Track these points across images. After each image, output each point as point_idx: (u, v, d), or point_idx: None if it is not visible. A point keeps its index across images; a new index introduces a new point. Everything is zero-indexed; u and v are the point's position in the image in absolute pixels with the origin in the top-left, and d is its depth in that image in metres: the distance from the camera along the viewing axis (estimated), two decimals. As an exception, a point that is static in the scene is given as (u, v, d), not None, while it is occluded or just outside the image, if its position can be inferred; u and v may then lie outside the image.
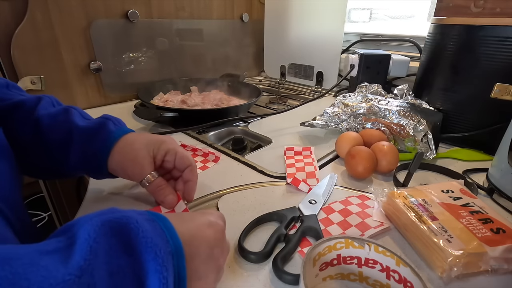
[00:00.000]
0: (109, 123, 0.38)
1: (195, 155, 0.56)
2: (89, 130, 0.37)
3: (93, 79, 0.78)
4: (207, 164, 0.53)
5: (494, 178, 0.44)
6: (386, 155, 0.48)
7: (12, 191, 0.30)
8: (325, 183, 0.45)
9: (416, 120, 0.54)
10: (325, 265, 0.29)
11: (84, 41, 0.73)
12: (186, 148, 0.58)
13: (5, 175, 0.30)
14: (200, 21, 0.96)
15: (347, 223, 0.37)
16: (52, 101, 0.41)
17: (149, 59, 0.87)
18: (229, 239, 0.35)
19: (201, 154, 0.56)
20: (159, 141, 0.39)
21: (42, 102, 0.39)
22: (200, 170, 0.50)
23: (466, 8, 0.55)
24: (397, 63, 0.82)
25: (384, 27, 1.01)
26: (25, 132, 0.37)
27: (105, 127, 0.38)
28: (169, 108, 0.70)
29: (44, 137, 0.37)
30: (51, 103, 0.41)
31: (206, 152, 0.54)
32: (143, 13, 0.82)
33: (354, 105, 0.63)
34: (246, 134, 0.70)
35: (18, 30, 0.63)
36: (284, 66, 1.10)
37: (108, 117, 0.40)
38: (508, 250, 0.30)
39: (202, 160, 0.54)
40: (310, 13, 0.96)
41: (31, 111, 0.37)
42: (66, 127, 0.37)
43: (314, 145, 0.58)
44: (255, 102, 0.77)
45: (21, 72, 0.65)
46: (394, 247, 0.35)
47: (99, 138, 0.37)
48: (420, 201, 0.37)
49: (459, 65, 0.57)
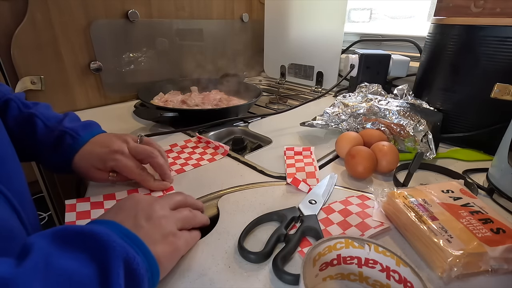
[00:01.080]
0: (66, 137, 0.42)
1: (207, 147, 0.59)
2: (49, 146, 0.42)
3: (93, 79, 0.78)
4: (216, 156, 0.55)
5: (494, 178, 0.44)
6: (386, 155, 0.48)
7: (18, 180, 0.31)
8: (325, 183, 0.45)
9: (416, 120, 0.54)
10: (325, 265, 0.29)
11: (84, 41, 0.73)
12: (201, 140, 0.60)
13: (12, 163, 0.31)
14: (200, 21, 0.96)
15: (347, 223, 0.37)
16: (18, 105, 0.43)
17: (149, 59, 0.87)
18: (229, 239, 0.35)
19: (212, 146, 0.58)
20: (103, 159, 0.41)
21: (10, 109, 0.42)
22: (208, 162, 0.53)
23: (466, 8, 0.55)
24: (397, 63, 0.82)
25: (384, 27, 1.01)
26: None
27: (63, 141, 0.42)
28: (169, 108, 0.70)
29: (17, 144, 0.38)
30: (17, 107, 0.43)
31: (217, 145, 0.57)
32: (143, 13, 0.82)
33: (354, 105, 0.63)
34: (246, 134, 0.70)
35: (18, 30, 0.63)
36: (284, 66, 1.10)
37: (65, 129, 0.42)
38: (508, 250, 0.30)
39: (212, 153, 0.56)
40: (310, 13, 0.95)
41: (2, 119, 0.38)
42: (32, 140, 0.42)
43: (314, 145, 0.58)
44: (255, 102, 0.77)
45: (21, 72, 0.65)
46: (394, 247, 0.35)
47: (58, 153, 0.42)
48: (420, 201, 0.37)
49: (459, 65, 0.57)
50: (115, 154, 0.41)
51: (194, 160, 0.53)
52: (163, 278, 0.29)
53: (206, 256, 0.33)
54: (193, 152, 0.56)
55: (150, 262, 0.26)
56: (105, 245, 0.23)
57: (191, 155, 0.55)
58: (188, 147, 0.58)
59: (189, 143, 0.60)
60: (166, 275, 0.30)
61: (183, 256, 0.32)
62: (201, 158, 0.54)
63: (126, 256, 0.23)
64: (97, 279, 0.21)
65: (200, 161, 0.53)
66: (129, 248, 0.24)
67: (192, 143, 0.60)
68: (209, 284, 0.29)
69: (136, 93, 0.84)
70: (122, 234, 0.25)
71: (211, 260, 0.32)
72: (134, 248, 0.25)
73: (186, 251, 0.32)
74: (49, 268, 0.20)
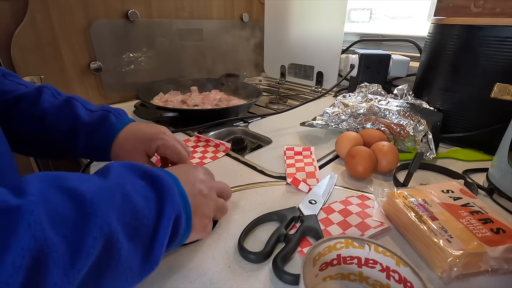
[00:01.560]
0: (111, 116, 0.41)
1: (207, 146, 0.59)
2: (92, 125, 0.40)
3: (93, 79, 0.78)
4: (218, 154, 0.56)
5: (494, 178, 0.44)
6: (386, 155, 0.48)
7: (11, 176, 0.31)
8: (325, 183, 0.45)
9: (416, 120, 0.54)
10: (325, 265, 0.29)
11: (84, 41, 0.73)
12: (200, 139, 0.60)
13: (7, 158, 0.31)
14: (200, 21, 0.96)
15: (347, 223, 0.37)
16: (52, 92, 0.42)
17: (149, 59, 0.87)
18: (229, 239, 0.35)
19: (213, 145, 0.58)
20: (150, 139, 0.40)
21: (44, 94, 0.40)
22: (211, 160, 0.54)
23: (466, 8, 0.55)
24: (397, 63, 0.82)
25: (384, 27, 1.01)
26: (30, 125, 0.39)
27: (107, 120, 0.40)
28: (169, 108, 0.70)
29: (49, 129, 0.39)
30: (52, 94, 0.42)
31: (218, 143, 0.57)
32: (143, 13, 0.82)
33: (354, 105, 0.63)
34: (246, 134, 0.70)
35: (18, 30, 0.63)
36: (284, 66, 1.10)
37: (109, 109, 0.42)
38: (508, 250, 0.30)
39: (213, 151, 0.57)
40: (310, 13, 0.95)
41: (34, 103, 0.39)
42: (71, 121, 0.40)
43: (314, 145, 0.58)
44: (255, 102, 0.77)
45: (21, 72, 0.65)
46: (394, 247, 0.35)
47: (101, 131, 0.40)
48: (420, 201, 0.37)
49: (459, 65, 0.57)
50: (163, 134, 0.41)
51: (197, 159, 0.54)
52: (163, 278, 0.30)
53: (206, 256, 0.33)
54: (194, 151, 0.57)
55: (187, 229, 0.28)
56: (168, 194, 0.26)
57: (193, 154, 0.56)
58: (189, 146, 0.59)
59: (188, 142, 0.60)
60: (166, 275, 0.30)
61: (183, 256, 0.32)
62: (203, 156, 0.55)
63: (178, 214, 0.26)
64: (154, 220, 0.24)
65: (203, 160, 0.53)
66: (182, 208, 0.27)
67: (191, 142, 0.60)
68: (209, 284, 0.29)
69: (136, 93, 0.84)
70: (180, 194, 0.28)
71: (211, 260, 0.32)
72: (183, 210, 0.28)
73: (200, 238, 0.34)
74: (125, 194, 0.23)
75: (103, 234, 0.20)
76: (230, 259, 0.32)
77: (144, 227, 0.24)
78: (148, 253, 0.24)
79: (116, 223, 0.21)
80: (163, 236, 0.25)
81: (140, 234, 0.23)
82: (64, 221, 0.19)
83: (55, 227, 0.18)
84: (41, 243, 0.17)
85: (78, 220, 0.19)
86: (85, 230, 0.19)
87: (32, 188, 0.19)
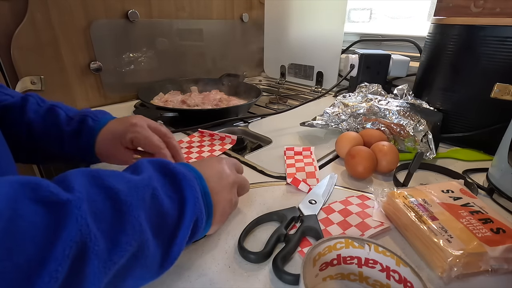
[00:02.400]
0: (88, 119, 0.42)
1: (212, 140, 0.60)
2: (73, 131, 0.41)
3: (93, 79, 0.78)
4: (225, 146, 0.57)
5: (494, 178, 0.44)
6: (386, 155, 0.48)
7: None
8: (325, 183, 0.45)
9: (416, 120, 0.54)
10: (325, 265, 0.29)
11: (84, 41, 0.73)
12: (204, 134, 0.61)
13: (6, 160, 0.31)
14: (200, 21, 0.96)
15: (347, 223, 0.37)
16: (36, 100, 0.43)
17: (149, 59, 0.87)
18: (229, 239, 0.35)
19: (218, 138, 0.59)
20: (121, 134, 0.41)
21: (29, 103, 0.42)
22: (220, 152, 0.55)
23: (466, 8, 0.55)
24: (397, 63, 0.82)
25: (384, 27, 1.01)
26: (18, 134, 0.40)
27: (85, 124, 0.41)
28: (169, 108, 0.70)
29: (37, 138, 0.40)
30: (36, 102, 0.43)
31: (223, 136, 0.58)
32: (143, 13, 0.82)
33: (354, 105, 0.63)
34: (246, 134, 0.70)
35: (18, 30, 0.63)
36: (284, 66, 1.10)
37: (87, 113, 0.43)
38: (508, 250, 0.30)
39: (220, 144, 0.58)
40: (310, 13, 0.96)
41: (21, 113, 0.40)
42: (55, 128, 0.41)
43: (314, 145, 0.58)
44: (255, 102, 0.77)
45: (21, 72, 0.65)
46: (394, 247, 0.35)
47: (82, 136, 0.41)
48: (420, 201, 0.37)
49: (459, 65, 0.57)
50: (135, 127, 0.41)
51: (206, 153, 0.55)
52: (163, 278, 0.29)
53: (206, 256, 0.33)
54: (202, 146, 0.58)
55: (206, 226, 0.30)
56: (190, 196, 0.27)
57: (201, 149, 0.57)
58: (194, 141, 0.60)
59: (193, 138, 0.61)
60: (166, 275, 0.30)
61: (183, 256, 0.32)
62: (212, 150, 0.56)
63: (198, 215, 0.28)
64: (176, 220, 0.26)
65: (213, 153, 0.55)
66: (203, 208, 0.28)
67: (196, 137, 0.61)
68: (209, 284, 0.29)
69: (136, 93, 0.84)
70: (204, 192, 0.29)
71: (211, 260, 0.32)
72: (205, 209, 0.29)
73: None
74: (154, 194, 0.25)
75: (135, 232, 0.22)
76: (230, 259, 0.32)
77: (167, 225, 0.25)
78: (168, 249, 0.25)
79: (145, 222, 0.23)
80: (183, 235, 0.26)
81: (163, 231, 0.25)
82: (104, 217, 0.21)
83: (96, 222, 0.20)
84: (86, 236, 0.19)
85: (115, 218, 0.21)
86: (121, 227, 0.21)
87: (77, 184, 0.20)
